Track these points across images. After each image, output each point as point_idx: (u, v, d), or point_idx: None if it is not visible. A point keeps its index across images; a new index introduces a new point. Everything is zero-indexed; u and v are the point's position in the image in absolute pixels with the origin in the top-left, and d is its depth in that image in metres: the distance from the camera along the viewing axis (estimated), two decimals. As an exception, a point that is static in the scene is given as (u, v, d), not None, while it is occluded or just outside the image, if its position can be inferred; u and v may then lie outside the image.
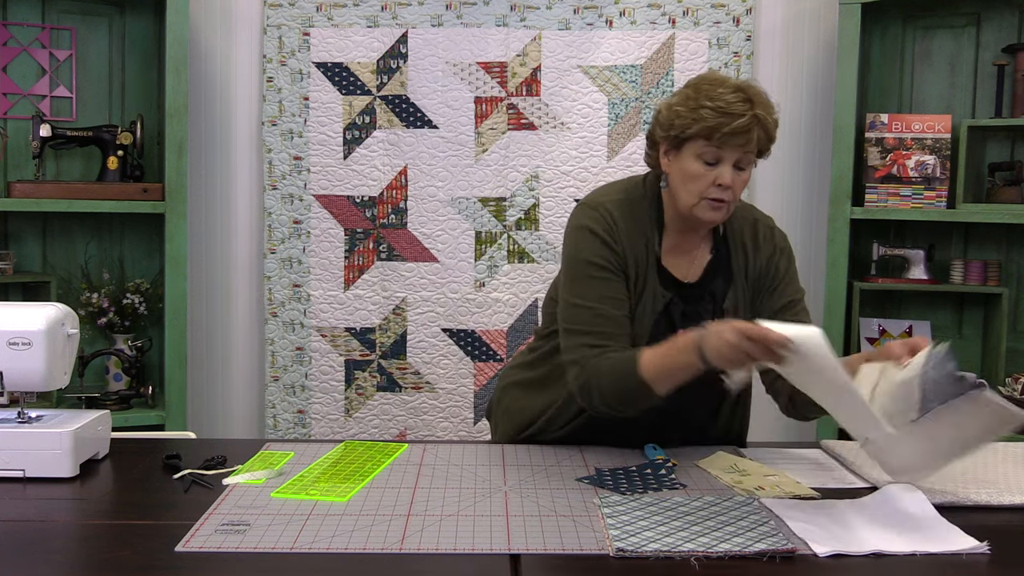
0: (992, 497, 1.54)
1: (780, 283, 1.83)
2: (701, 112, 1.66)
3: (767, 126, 1.69)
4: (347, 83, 3.16)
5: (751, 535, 1.34)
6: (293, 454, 1.76)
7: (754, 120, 1.67)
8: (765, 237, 1.85)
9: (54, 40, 3.06)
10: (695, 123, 1.67)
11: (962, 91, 3.06)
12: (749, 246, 1.84)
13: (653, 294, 1.76)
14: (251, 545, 1.30)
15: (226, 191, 3.27)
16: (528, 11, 3.16)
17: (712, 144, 1.67)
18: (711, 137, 1.66)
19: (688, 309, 1.77)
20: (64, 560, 1.29)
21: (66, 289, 3.06)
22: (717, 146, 1.67)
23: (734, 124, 1.65)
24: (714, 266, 1.82)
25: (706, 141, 1.67)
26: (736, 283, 1.82)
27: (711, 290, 1.80)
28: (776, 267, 1.84)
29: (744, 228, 1.85)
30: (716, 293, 1.80)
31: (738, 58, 3.16)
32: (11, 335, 1.63)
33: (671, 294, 1.77)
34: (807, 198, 3.28)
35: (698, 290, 1.80)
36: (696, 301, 1.79)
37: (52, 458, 1.59)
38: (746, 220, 1.87)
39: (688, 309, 1.77)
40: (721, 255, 1.83)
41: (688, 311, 1.76)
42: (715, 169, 1.69)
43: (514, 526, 1.39)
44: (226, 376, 3.32)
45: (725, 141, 1.66)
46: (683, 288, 1.79)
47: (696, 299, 1.79)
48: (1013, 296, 3.01)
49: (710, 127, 1.66)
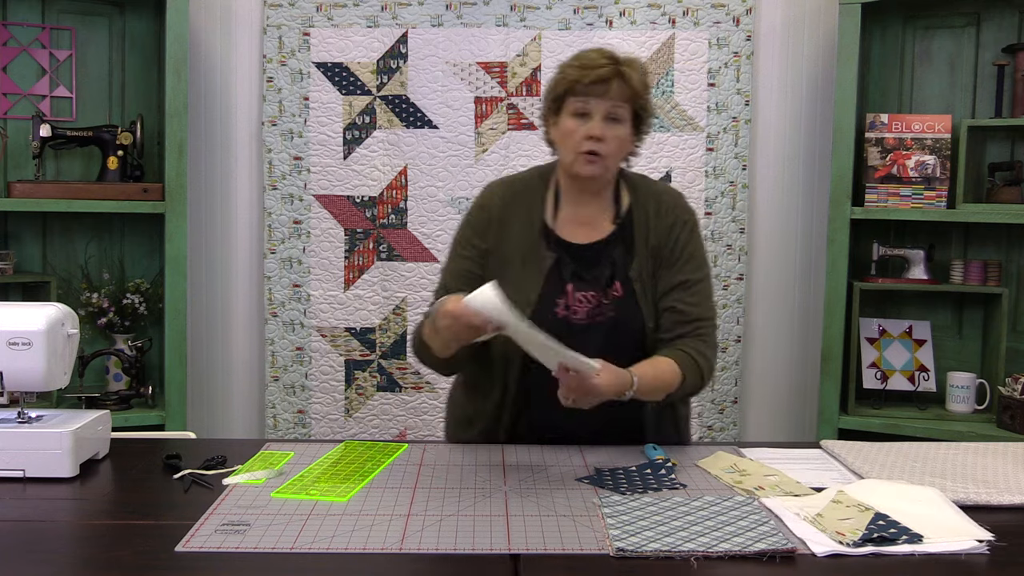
0: (992, 497, 1.54)
1: (679, 257, 1.90)
2: (567, 71, 1.84)
3: (629, 79, 1.81)
4: (347, 83, 3.16)
5: (751, 535, 1.34)
6: (293, 454, 1.76)
7: (614, 71, 1.80)
8: (668, 208, 1.92)
9: (54, 40, 3.06)
10: (562, 82, 1.83)
11: (962, 91, 3.06)
12: (651, 216, 1.91)
13: (539, 256, 1.86)
14: (251, 545, 1.30)
15: (226, 191, 3.27)
16: (528, 11, 3.16)
17: (579, 98, 1.81)
18: (576, 91, 1.81)
19: (579, 269, 1.86)
20: (64, 560, 1.29)
21: (66, 289, 3.06)
22: (583, 99, 1.80)
23: (594, 74, 1.79)
24: (616, 236, 1.89)
25: (574, 97, 1.81)
26: (639, 253, 1.88)
27: (611, 257, 1.87)
28: (676, 239, 1.90)
29: (649, 200, 1.93)
30: (617, 261, 1.87)
31: (738, 58, 3.16)
32: (11, 335, 1.63)
33: (555, 254, 1.86)
34: (807, 198, 3.28)
35: (591, 253, 1.88)
36: (591, 264, 1.87)
37: (52, 458, 1.59)
38: (652, 192, 1.95)
39: (579, 269, 1.86)
40: (625, 227, 1.90)
41: (580, 271, 1.86)
42: (586, 123, 1.80)
43: (514, 526, 1.39)
44: (226, 376, 3.32)
45: (588, 91, 1.79)
46: (571, 249, 1.87)
47: (591, 262, 1.87)
48: (1013, 296, 3.01)
49: (573, 80, 1.81)
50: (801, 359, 3.32)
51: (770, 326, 3.32)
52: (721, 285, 3.21)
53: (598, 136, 1.79)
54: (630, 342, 1.82)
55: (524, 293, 1.83)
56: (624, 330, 1.83)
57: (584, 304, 1.84)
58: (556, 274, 1.85)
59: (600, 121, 1.80)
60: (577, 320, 1.84)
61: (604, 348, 1.75)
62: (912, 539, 1.33)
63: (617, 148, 1.83)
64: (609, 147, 1.81)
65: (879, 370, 3.06)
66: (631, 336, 1.82)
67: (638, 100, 1.84)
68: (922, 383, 3.04)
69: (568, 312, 1.84)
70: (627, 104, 1.82)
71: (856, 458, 1.75)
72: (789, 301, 3.32)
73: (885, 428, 2.89)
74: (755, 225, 3.28)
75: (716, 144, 3.17)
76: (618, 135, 1.82)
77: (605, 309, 1.84)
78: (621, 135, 1.83)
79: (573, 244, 1.89)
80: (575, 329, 1.82)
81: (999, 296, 2.93)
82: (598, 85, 1.79)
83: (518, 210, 1.91)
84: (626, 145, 1.86)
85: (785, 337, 3.33)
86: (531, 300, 1.82)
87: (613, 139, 1.81)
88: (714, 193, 3.18)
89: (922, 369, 3.05)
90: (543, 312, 1.81)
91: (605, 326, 1.84)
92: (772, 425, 3.36)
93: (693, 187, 3.17)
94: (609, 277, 1.86)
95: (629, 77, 1.81)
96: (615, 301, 1.85)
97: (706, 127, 3.17)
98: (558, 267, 1.86)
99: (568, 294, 1.84)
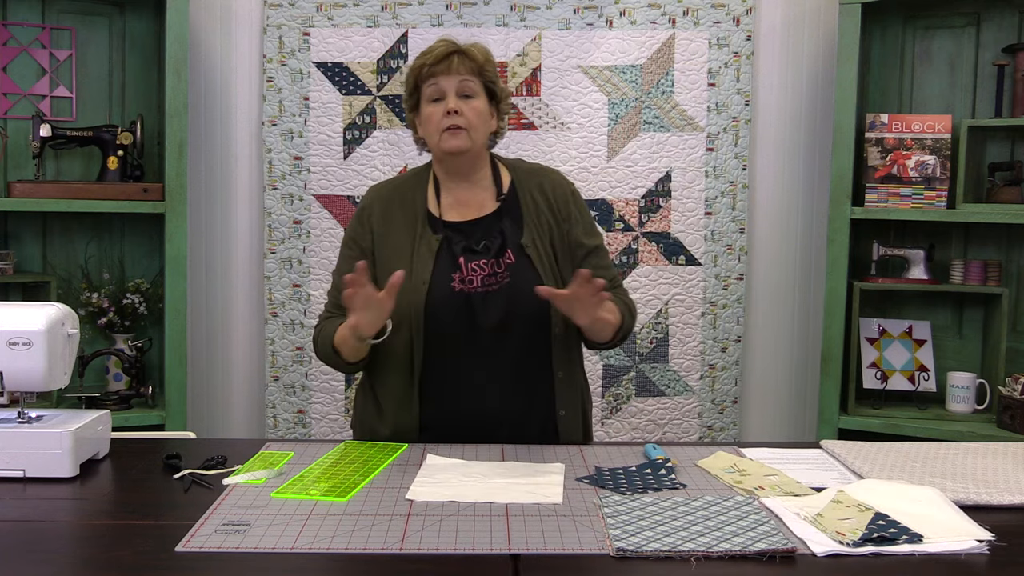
0: (992, 497, 1.54)
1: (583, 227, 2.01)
2: (412, 65, 1.97)
3: (469, 53, 1.93)
4: (347, 83, 3.16)
5: (751, 535, 1.34)
6: (293, 454, 1.76)
7: (453, 48, 1.93)
8: (555, 183, 2.04)
9: (54, 40, 3.06)
10: (411, 74, 1.97)
11: (962, 91, 3.06)
12: (538, 190, 2.01)
13: (427, 240, 1.94)
14: (251, 545, 1.30)
15: (226, 191, 3.27)
16: (528, 11, 3.16)
17: (428, 83, 1.93)
18: (423, 75, 1.93)
19: (469, 243, 1.93)
20: (64, 560, 1.29)
21: (66, 289, 3.06)
22: (433, 82, 1.92)
23: (434, 55, 1.92)
24: (501, 211, 1.98)
25: (424, 83, 1.93)
26: (528, 224, 1.97)
27: (499, 228, 1.95)
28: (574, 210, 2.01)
29: (531, 177, 2.04)
30: (506, 232, 1.95)
31: (738, 58, 3.16)
32: (11, 335, 1.63)
33: (442, 235, 1.94)
34: (807, 198, 3.28)
35: (479, 228, 1.96)
36: (480, 238, 1.95)
37: (52, 458, 1.59)
38: (532, 170, 2.07)
39: (469, 243, 1.93)
40: (509, 202, 1.99)
41: (470, 245, 1.93)
42: (442, 103, 1.91)
43: (514, 526, 1.39)
44: (226, 376, 3.32)
45: (434, 72, 1.91)
46: (458, 227, 1.96)
47: (479, 236, 1.95)
48: (1013, 296, 3.01)
49: (418, 67, 1.94)
50: (801, 359, 3.33)
51: (770, 326, 3.32)
52: (721, 285, 3.21)
53: (454, 109, 1.90)
54: (531, 305, 1.86)
55: (419, 274, 1.90)
56: (523, 294, 1.88)
57: (478, 272, 1.91)
58: (447, 251, 1.93)
59: (453, 96, 1.91)
60: (473, 289, 1.90)
61: (506, 313, 1.88)
62: (912, 539, 1.33)
63: (476, 119, 1.93)
64: (468, 119, 1.91)
65: (879, 370, 3.06)
66: (531, 299, 1.83)
67: (485, 73, 1.95)
68: (922, 383, 3.04)
69: (464, 284, 1.90)
70: (475, 77, 1.93)
71: (856, 458, 1.75)
72: (789, 301, 3.32)
73: (885, 428, 2.89)
74: (755, 225, 3.28)
75: (716, 144, 3.17)
76: (474, 107, 1.93)
77: (500, 277, 1.91)
78: (477, 107, 1.93)
79: (459, 222, 1.97)
80: (474, 299, 1.89)
81: (999, 296, 2.94)
82: (441, 63, 1.91)
83: (399, 205, 2.00)
84: (485, 117, 1.96)
85: (785, 337, 3.33)
86: (426, 279, 1.89)
87: (471, 111, 1.92)
88: (714, 193, 3.18)
89: (922, 369, 3.05)
90: (439, 288, 1.89)
91: (504, 292, 1.90)
92: (772, 425, 3.36)
93: (693, 187, 3.17)
94: (500, 247, 1.93)
95: (470, 52, 1.94)
96: (508, 267, 1.91)
97: (706, 127, 3.17)
98: (448, 245, 1.94)
99: (462, 267, 1.91)
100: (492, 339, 1.89)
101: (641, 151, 3.17)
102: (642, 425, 3.22)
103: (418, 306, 1.88)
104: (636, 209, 3.17)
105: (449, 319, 1.89)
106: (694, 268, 3.20)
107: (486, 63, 1.96)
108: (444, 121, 1.90)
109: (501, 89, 2.00)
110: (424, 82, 1.93)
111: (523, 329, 1.91)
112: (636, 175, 3.17)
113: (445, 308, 1.89)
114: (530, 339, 1.93)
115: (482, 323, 1.89)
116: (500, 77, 2.02)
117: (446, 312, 1.89)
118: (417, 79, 1.95)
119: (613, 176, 3.16)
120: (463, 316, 1.89)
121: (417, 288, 1.89)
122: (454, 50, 1.93)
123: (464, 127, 1.91)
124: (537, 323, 1.92)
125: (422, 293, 1.88)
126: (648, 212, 3.18)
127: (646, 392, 3.21)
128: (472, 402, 1.91)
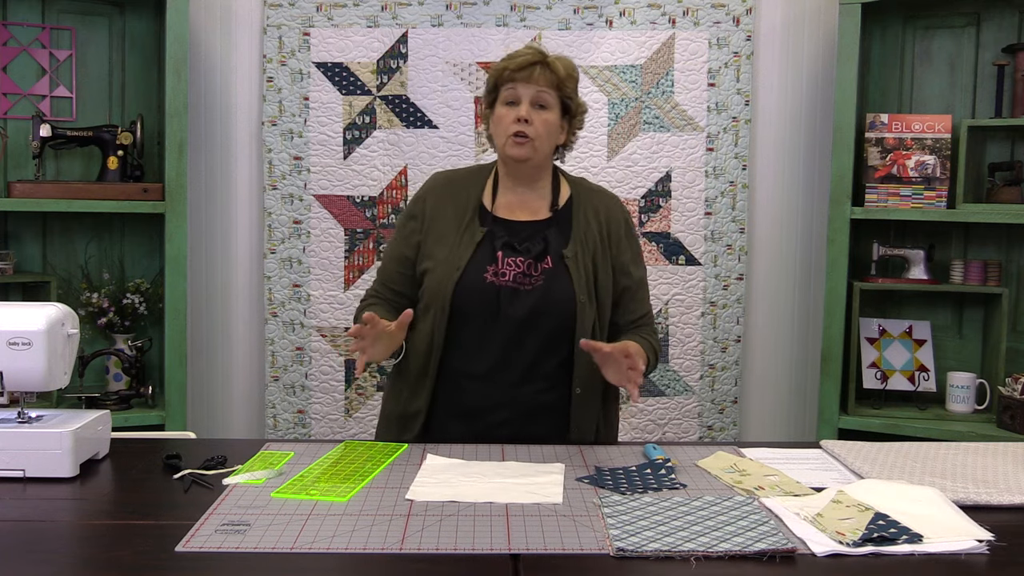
0: (992, 497, 1.54)
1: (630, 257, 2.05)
2: (496, 65, 2.00)
3: (552, 66, 1.96)
4: (347, 83, 3.16)
5: (751, 535, 1.34)
6: (293, 454, 1.76)
7: (539, 58, 1.96)
8: (612, 206, 2.08)
9: (54, 40, 3.06)
10: (492, 75, 2.00)
11: (962, 91, 3.06)
12: (592, 211, 2.04)
13: (472, 231, 1.98)
14: (251, 545, 1.30)
15: (226, 191, 3.27)
16: (528, 11, 3.16)
17: (507, 86, 1.96)
18: (504, 79, 1.96)
19: (512, 241, 1.97)
20: (64, 560, 1.29)
21: (66, 289, 3.06)
22: (512, 86, 1.95)
23: (518, 61, 1.95)
24: (552, 220, 2.01)
25: (503, 86, 1.97)
26: (576, 239, 1.99)
27: (544, 235, 1.98)
28: (625, 238, 2.05)
29: (590, 196, 2.07)
30: (551, 241, 1.98)
31: (738, 58, 3.16)
32: (11, 335, 1.63)
33: (488, 228, 1.97)
34: (807, 198, 3.28)
35: (526, 230, 1.99)
36: (523, 239, 1.98)
37: (52, 458, 1.59)
38: (592, 190, 2.11)
39: (512, 241, 1.97)
40: (562, 214, 2.02)
41: (512, 243, 1.97)
42: (516, 108, 1.95)
43: (514, 526, 1.39)
44: (226, 376, 3.32)
45: (514, 78, 1.94)
46: (505, 224, 1.99)
47: (523, 237, 1.98)
48: (1013, 296, 3.01)
49: (500, 69, 1.97)
50: (801, 359, 3.32)
51: (770, 326, 3.32)
52: (721, 285, 3.21)
53: (525, 117, 1.93)
54: (558, 312, 1.92)
55: (455, 260, 1.95)
56: (553, 300, 1.92)
57: (512, 268, 1.93)
58: (488, 244, 1.97)
59: (527, 105, 1.94)
60: (504, 283, 1.92)
61: (531, 312, 1.91)
62: (912, 539, 1.33)
63: (545, 131, 1.96)
64: (537, 130, 1.94)
65: (879, 370, 3.06)
66: (559, 307, 1.92)
67: (563, 88, 1.97)
68: (922, 383, 3.04)
69: (496, 277, 1.93)
70: (553, 90, 1.96)
71: (856, 458, 1.75)
72: (789, 301, 3.32)
73: (885, 428, 2.89)
74: (755, 225, 3.28)
75: (716, 144, 3.17)
76: (545, 119, 1.95)
77: (534, 279, 1.93)
78: (548, 119, 1.96)
79: (508, 220, 2.01)
80: (503, 293, 1.91)
81: (999, 296, 2.93)
82: (523, 71, 1.94)
83: (455, 196, 2.04)
84: (554, 130, 1.98)
85: (785, 337, 3.33)
86: (460, 266, 1.94)
87: (541, 123, 1.95)
88: (714, 193, 3.18)
89: (922, 369, 3.05)
90: (471, 276, 1.92)
91: (534, 293, 1.92)
92: (772, 425, 3.36)
93: (693, 187, 3.17)
94: (541, 251, 1.96)
95: (553, 65, 1.96)
96: (544, 272, 1.94)
97: (706, 127, 3.17)
98: (491, 238, 1.97)
99: (499, 260, 1.94)
100: (514, 332, 1.92)
101: (641, 151, 3.17)
102: (642, 425, 3.22)
103: (447, 289, 1.92)
104: (636, 209, 3.17)
105: (474, 305, 1.92)
106: (694, 268, 3.20)
107: (567, 78, 1.98)
108: (513, 127, 1.94)
109: (577, 105, 2.03)
110: (503, 84, 1.97)
111: (547, 331, 1.92)
112: (636, 175, 3.17)
113: (472, 295, 1.92)
114: (552, 344, 1.93)
115: (505, 315, 1.91)
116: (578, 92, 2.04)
117: (472, 298, 1.92)
118: (497, 80, 1.98)
119: (613, 176, 3.16)
120: (489, 306, 1.92)
121: (450, 273, 1.93)
122: (538, 60, 1.95)
123: (532, 136, 1.94)
124: (562, 331, 1.93)
125: (453, 278, 1.92)
126: (648, 212, 3.18)
127: (646, 392, 3.21)
128: (483, 387, 1.93)
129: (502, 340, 1.92)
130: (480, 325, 1.93)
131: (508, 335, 1.92)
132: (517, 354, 1.92)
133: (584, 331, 1.91)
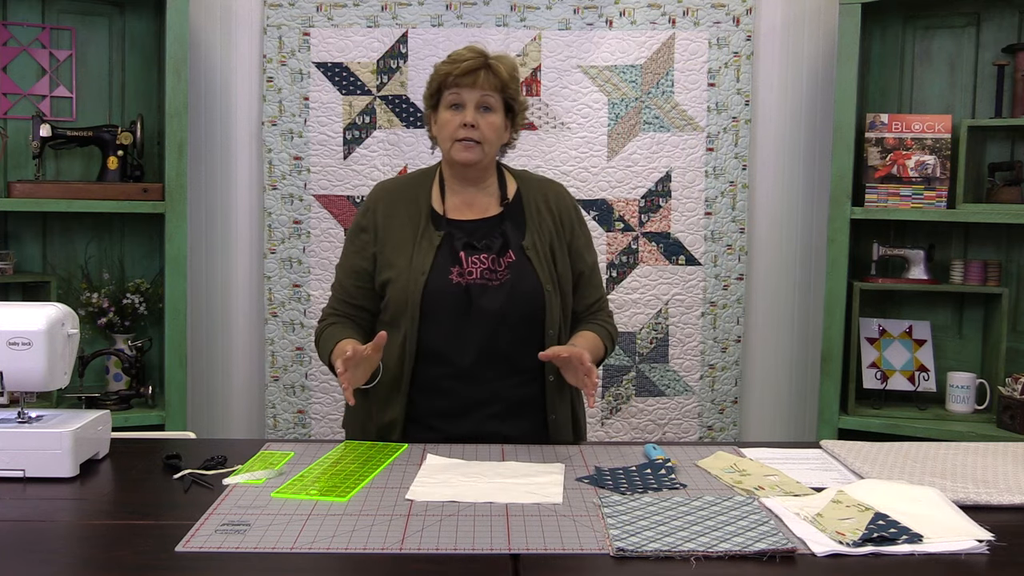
0: (992, 497, 1.54)
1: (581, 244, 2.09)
2: (439, 68, 2.01)
3: (496, 70, 1.98)
4: (347, 83, 3.16)
5: (751, 535, 1.34)
6: (293, 454, 1.76)
7: (482, 63, 1.97)
8: (559, 196, 2.12)
9: (54, 40, 3.06)
10: (436, 78, 2.00)
11: (962, 91, 3.06)
12: (542, 201, 2.07)
13: (429, 236, 1.99)
14: (251, 545, 1.30)
15: (226, 191, 3.27)
16: (528, 11, 3.16)
17: (451, 91, 1.97)
18: (448, 84, 1.97)
19: (471, 240, 1.99)
20: (64, 560, 1.29)
21: (66, 289, 3.06)
22: (456, 91, 1.96)
23: (463, 66, 1.95)
24: (505, 215, 2.04)
25: (447, 90, 1.98)
26: (531, 230, 2.03)
27: (501, 230, 2.01)
28: (575, 226, 2.08)
29: (537, 187, 2.11)
30: (508, 234, 2.00)
31: (738, 58, 3.16)
32: (11, 335, 1.63)
33: (444, 231, 1.99)
34: (807, 198, 3.28)
35: (482, 227, 2.01)
36: (482, 236, 2.00)
37: (52, 458, 1.59)
38: (539, 181, 2.14)
39: (471, 240, 1.99)
40: (513, 208, 2.05)
41: (471, 242, 1.99)
42: (461, 112, 1.96)
43: (514, 526, 1.39)
44: (226, 376, 3.32)
45: (459, 83, 1.95)
46: (461, 225, 2.01)
47: (481, 235, 2.00)
48: (1013, 296, 3.01)
49: (445, 74, 1.98)
50: (801, 359, 3.32)
51: (770, 326, 3.32)
52: (721, 285, 3.21)
53: (471, 123, 1.95)
54: (528, 302, 1.96)
55: (418, 267, 1.96)
56: (521, 292, 1.95)
57: (478, 265, 1.95)
58: (448, 247, 1.98)
59: (473, 110, 1.96)
60: (472, 281, 1.94)
61: (504, 307, 1.93)
62: (912, 539, 1.33)
63: (491, 134, 1.98)
64: (483, 133, 1.97)
65: (879, 370, 3.06)
66: (528, 297, 1.96)
67: (507, 90, 2.00)
68: (922, 383, 3.04)
69: (462, 277, 1.94)
70: (497, 94, 1.98)
71: (856, 458, 1.75)
72: (789, 301, 3.32)
73: (885, 428, 2.89)
74: (755, 225, 3.28)
75: (716, 144, 3.17)
76: (491, 122, 1.98)
77: (500, 274, 1.95)
78: (494, 122, 1.99)
79: (461, 221, 2.03)
80: (472, 290, 1.93)
81: (999, 296, 2.93)
82: (468, 76, 1.95)
83: (403, 204, 2.05)
84: (499, 133, 2.02)
85: (785, 337, 3.33)
86: (424, 270, 1.95)
87: (487, 126, 1.97)
88: (714, 193, 3.18)
89: (922, 369, 3.05)
90: (437, 279, 1.93)
91: (503, 288, 1.94)
92: (772, 425, 3.36)
93: (693, 187, 3.17)
94: (502, 246, 1.98)
95: (497, 69, 1.98)
96: (509, 266, 1.96)
97: (706, 127, 3.17)
98: (449, 241, 1.99)
99: (462, 260, 1.95)
100: (487, 328, 1.93)
101: (641, 151, 3.17)
102: (642, 425, 3.22)
103: (415, 295, 1.92)
104: (636, 209, 3.17)
105: (445, 306, 1.93)
106: (694, 268, 3.20)
107: (510, 80, 2.01)
108: (460, 132, 1.96)
109: (519, 103, 2.06)
110: (447, 88, 1.98)
111: (519, 324, 1.95)
112: (636, 175, 3.17)
113: (442, 297, 1.93)
114: (525, 335, 1.96)
115: (478, 312, 1.92)
116: (520, 91, 2.07)
117: (442, 300, 1.93)
118: (441, 84, 1.99)
119: (613, 176, 3.16)
120: (460, 304, 1.93)
121: (416, 279, 1.93)
122: (481, 65, 1.97)
123: (478, 140, 1.96)
124: (533, 322, 1.96)
125: (420, 283, 1.93)
126: (648, 212, 3.18)
127: (646, 392, 3.21)
128: (463, 388, 1.94)
129: (477, 337, 1.93)
130: (453, 326, 1.93)
131: (483, 331, 1.93)
132: (494, 349, 1.94)
133: (553, 319, 1.96)
